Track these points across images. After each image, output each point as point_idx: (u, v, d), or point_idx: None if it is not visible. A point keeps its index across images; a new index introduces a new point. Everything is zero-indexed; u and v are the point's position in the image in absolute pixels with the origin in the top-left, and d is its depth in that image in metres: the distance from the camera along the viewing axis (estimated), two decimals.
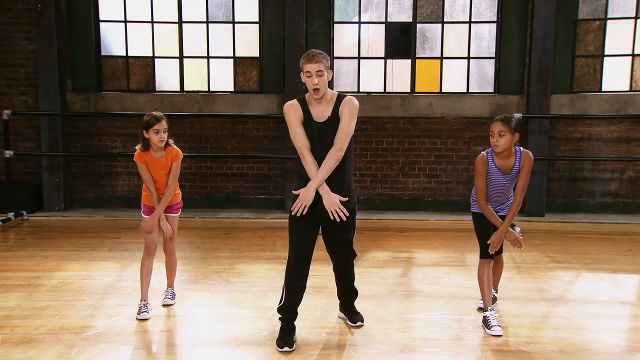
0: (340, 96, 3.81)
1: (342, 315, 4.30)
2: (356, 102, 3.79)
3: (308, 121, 3.80)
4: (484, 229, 4.24)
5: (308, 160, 3.74)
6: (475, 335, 4.05)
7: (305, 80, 3.74)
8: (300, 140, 3.77)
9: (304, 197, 3.71)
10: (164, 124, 4.24)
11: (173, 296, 4.64)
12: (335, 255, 4.05)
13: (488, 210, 4.17)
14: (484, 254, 4.22)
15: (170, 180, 4.33)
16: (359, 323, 4.19)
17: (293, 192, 3.80)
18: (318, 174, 3.70)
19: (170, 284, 4.68)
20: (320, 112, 3.79)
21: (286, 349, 3.75)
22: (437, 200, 8.68)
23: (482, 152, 4.16)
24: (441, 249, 6.51)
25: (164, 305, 4.54)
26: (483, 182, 4.13)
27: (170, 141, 4.35)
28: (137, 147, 4.31)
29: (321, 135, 3.76)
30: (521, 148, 4.13)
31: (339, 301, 4.32)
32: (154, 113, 4.28)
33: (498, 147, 4.02)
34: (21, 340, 3.90)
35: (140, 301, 4.35)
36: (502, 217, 4.22)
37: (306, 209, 3.70)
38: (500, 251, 4.33)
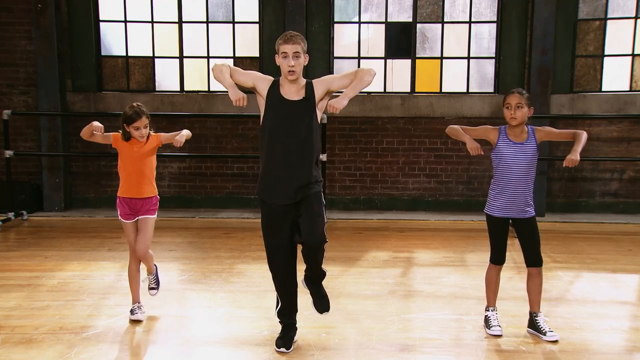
0: (309, 81, 3.68)
1: (306, 288, 3.89)
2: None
3: (277, 100, 3.61)
4: (497, 234, 4.07)
5: (228, 68, 3.68)
6: (475, 335, 4.05)
7: (280, 62, 3.57)
8: (238, 68, 3.75)
9: (340, 103, 3.52)
10: (144, 121, 4.06)
11: (157, 283, 4.51)
12: (305, 234, 3.62)
13: (457, 130, 4.22)
14: (494, 259, 4.11)
15: (176, 135, 4.26)
16: (325, 313, 3.85)
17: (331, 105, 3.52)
18: (349, 90, 3.56)
19: (149, 271, 4.45)
20: (292, 93, 3.62)
21: (283, 349, 3.74)
22: (437, 200, 8.68)
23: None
24: (441, 249, 6.51)
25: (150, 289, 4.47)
26: (473, 130, 4.17)
27: (151, 132, 4.21)
28: (119, 132, 4.20)
29: (294, 115, 3.58)
30: (530, 126, 4.02)
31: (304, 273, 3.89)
32: (135, 106, 4.07)
33: (515, 119, 3.90)
34: (21, 340, 3.90)
35: (133, 304, 4.31)
36: (514, 220, 4.01)
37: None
38: (535, 263, 4.01)
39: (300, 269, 3.83)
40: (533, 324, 4.06)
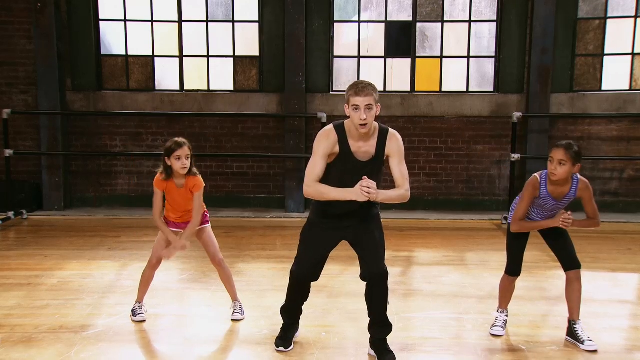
0: (383, 130, 3.49)
1: (372, 352, 3.70)
2: (400, 139, 3.51)
3: (346, 156, 3.41)
4: (516, 244, 3.97)
5: (317, 184, 3.39)
6: (474, 335, 4.05)
7: (351, 114, 3.36)
8: (317, 170, 3.39)
9: (374, 194, 3.21)
10: (186, 150, 4.00)
11: (242, 311, 4.33)
12: (367, 268, 3.54)
13: (527, 224, 3.84)
14: (511, 271, 4.02)
15: (195, 212, 4.10)
16: None
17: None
18: (388, 194, 3.36)
19: (234, 298, 4.38)
20: (362, 148, 3.43)
21: (281, 348, 3.73)
22: (437, 199, 8.68)
23: (535, 175, 3.81)
24: (441, 248, 6.51)
25: (234, 320, 4.28)
26: (526, 207, 3.83)
27: (194, 170, 4.13)
28: (158, 171, 4.10)
29: (361, 174, 3.31)
30: (578, 176, 3.77)
31: (369, 335, 3.74)
32: (176, 139, 4.04)
33: (555, 175, 3.66)
34: (21, 339, 3.89)
35: (136, 303, 4.31)
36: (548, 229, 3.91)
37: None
38: (573, 266, 3.89)
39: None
40: (572, 333, 3.92)
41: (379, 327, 3.66)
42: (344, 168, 3.44)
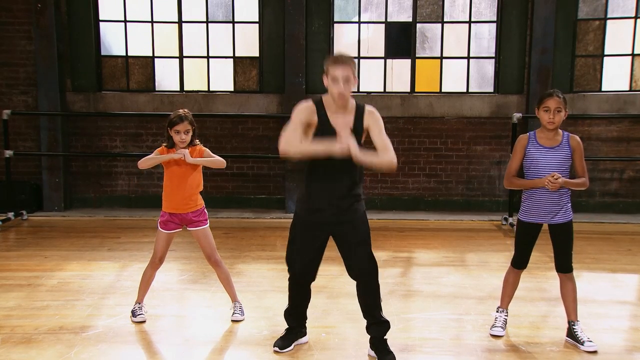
0: (360, 106, 3.49)
1: (372, 353, 3.69)
2: (378, 113, 3.53)
3: (324, 128, 3.40)
4: (525, 238, 3.96)
5: (299, 143, 3.34)
6: (474, 335, 4.05)
7: (329, 85, 3.36)
8: (297, 134, 3.35)
9: (354, 149, 3.28)
10: (185, 125, 4.07)
11: (242, 311, 4.32)
12: (355, 265, 3.59)
13: (516, 181, 3.85)
14: (515, 263, 4.03)
15: (214, 158, 4.22)
16: None
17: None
18: (371, 156, 3.38)
19: (234, 298, 4.36)
20: (340, 119, 3.42)
21: (276, 348, 3.72)
22: (437, 200, 8.68)
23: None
24: (441, 248, 6.51)
25: (233, 321, 4.27)
26: (517, 162, 3.86)
27: (196, 141, 4.19)
28: (163, 144, 4.18)
29: None
30: (568, 133, 3.90)
31: (368, 336, 3.74)
32: (180, 111, 4.12)
33: (553, 124, 3.77)
34: (21, 340, 3.90)
35: (136, 303, 4.31)
36: (548, 225, 3.89)
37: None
38: (562, 269, 3.93)
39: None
40: (571, 333, 3.93)
41: (376, 326, 3.66)
42: (323, 139, 3.37)
